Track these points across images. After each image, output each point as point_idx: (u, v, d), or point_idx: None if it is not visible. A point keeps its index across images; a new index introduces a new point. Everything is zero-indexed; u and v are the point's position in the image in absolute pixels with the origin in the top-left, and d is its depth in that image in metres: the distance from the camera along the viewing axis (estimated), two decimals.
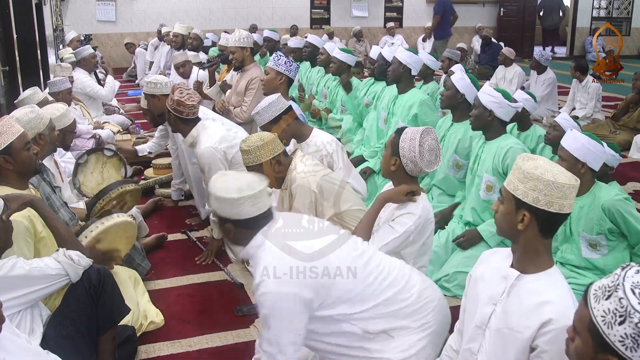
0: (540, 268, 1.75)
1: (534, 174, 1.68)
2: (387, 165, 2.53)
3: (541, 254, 1.75)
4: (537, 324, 1.66)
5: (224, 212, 1.98)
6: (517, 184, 1.72)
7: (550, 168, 1.71)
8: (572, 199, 1.70)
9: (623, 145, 6.37)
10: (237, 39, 5.47)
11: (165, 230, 4.12)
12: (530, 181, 1.69)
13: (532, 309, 1.68)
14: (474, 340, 1.84)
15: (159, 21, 11.51)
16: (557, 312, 1.64)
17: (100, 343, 2.33)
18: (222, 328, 2.97)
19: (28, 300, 2.13)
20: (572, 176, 1.72)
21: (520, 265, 1.77)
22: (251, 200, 1.96)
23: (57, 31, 9.67)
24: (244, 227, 2.00)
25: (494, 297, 1.80)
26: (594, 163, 2.86)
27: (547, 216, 1.69)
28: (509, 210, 1.76)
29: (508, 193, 1.75)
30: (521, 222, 1.72)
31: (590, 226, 2.93)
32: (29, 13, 5.58)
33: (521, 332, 1.69)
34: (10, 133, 2.39)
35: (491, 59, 11.22)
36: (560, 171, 1.71)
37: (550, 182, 1.66)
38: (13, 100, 4.34)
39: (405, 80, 4.45)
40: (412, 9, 14.48)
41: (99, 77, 7.90)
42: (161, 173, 4.94)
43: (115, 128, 6.13)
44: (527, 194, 1.69)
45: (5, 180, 2.42)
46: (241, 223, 1.98)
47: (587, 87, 7.22)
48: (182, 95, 3.59)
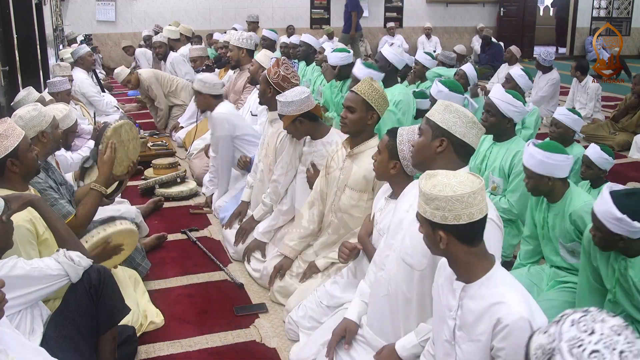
0: (480, 274, 1.76)
1: (432, 194, 1.68)
2: (385, 169, 2.51)
3: (473, 263, 1.76)
4: (489, 327, 1.69)
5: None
6: (424, 206, 1.73)
7: (448, 182, 1.69)
8: (480, 202, 1.68)
9: (622, 145, 6.38)
10: (238, 38, 5.49)
11: (165, 230, 4.12)
12: (432, 202, 1.69)
13: (482, 314, 1.72)
14: (449, 355, 1.87)
15: (159, 21, 11.52)
16: (504, 310, 1.67)
17: (100, 343, 2.33)
18: (222, 328, 2.97)
19: (28, 300, 2.13)
20: (471, 180, 1.70)
21: (462, 277, 1.79)
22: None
23: (57, 31, 9.67)
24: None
25: (452, 310, 1.83)
26: (559, 173, 2.74)
27: (461, 229, 1.69)
28: (427, 232, 1.77)
29: (421, 216, 1.76)
30: (440, 241, 1.73)
31: (563, 234, 2.82)
32: (29, 13, 5.58)
33: (480, 339, 1.73)
34: (15, 136, 2.39)
35: (491, 59, 11.23)
36: (458, 181, 1.69)
37: (450, 198, 1.66)
38: (12, 101, 4.34)
39: (390, 76, 4.54)
40: (412, 9, 14.48)
41: (98, 77, 7.93)
42: (161, 173, 4.95)
43: None
44: (434, 215, 1.70)
45: (8, 182, 2.41)
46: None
47: (587, 87, 7.22)
48: (287, 72, 3.60)
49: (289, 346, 2.76)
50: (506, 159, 3.31)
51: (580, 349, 1.15)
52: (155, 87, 6.60)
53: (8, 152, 2.36)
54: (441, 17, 14.65)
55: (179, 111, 6.77)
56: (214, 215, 4.42)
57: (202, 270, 3.59)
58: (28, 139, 2.48)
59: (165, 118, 6.77)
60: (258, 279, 3.38)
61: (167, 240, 3.99)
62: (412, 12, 14.49)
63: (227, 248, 3.85)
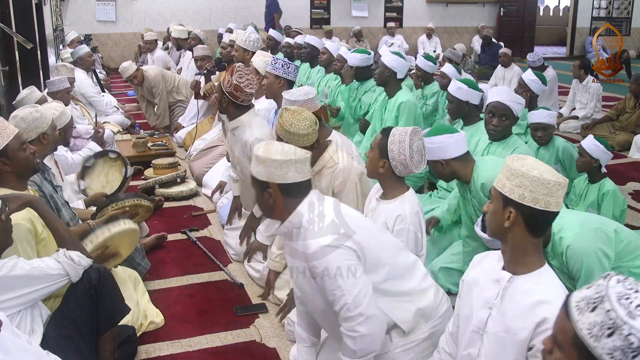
0: (531, 268, 1.75)
1: (520, 171, 1.70)
2: (375, 167, 2.51)
3: (530, 253, 1.75)
4: (532, 324, 1.67)
5: (268, 175, 1.99)
6: (504, 181, 1.74)
7: (537, 166, 1.72)
8: (559, 197, 1.70)
9: (623, 145, 6.38)
10: (244, 40, 5.45)
11: (165, 230, 4.12)
12: (516, 178, 1.70)
13: (526, 309, 1.69)
14: (472, 346, 1.85)
15: (159, 21, 11.55)
16: (551, 310, 1.63)
17: (100, 343, 2.33)
18: (222, 328, 2.97)
19: (28, 300, 2.13)
20: (558, 175, 1.72)
21: (511, 267, 1.78)
22: (296, 166, 1.99)
23: (57, 31, 9.66)
24: (287, 194, 2.00)
25: (488, 301, 1.81)
26: (446, 154, 2.73)
27: (533, 213, 1.70)
28: (496, 208, 1.77)
29: (496, 191, 1.77)
30: (507, 219, 1.73)
31: (480, 207, 2.86)
32: (29, 13, 5.57)
33: (518, 333, 1.70)
34: (5, 135, 2.38)
35: (491, 59, 11.23)
36: (548, 169, 1.72)
37: (536, 179, 1.68)
38: (13, 101, 4.34)
39: (393, 83, 4.45)
40: (412, 9, 14.49)
41: (98, 77, 7.92)
42: (161, 173, 4.95)
43: (115, 128, 6.14)
44: (513, 191, 1.71)
45: (4, 181, 2.41)
46: (284, 188, 1.99)
47: (588, 87, 7.22)
48: (241, 80, 3.37)
49: (289, 346, 2.75)
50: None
51: (627, 301, 1.20)
52: (161, 85, 6.61)
53: None
54: (441, 17, 14.66)
55: (180, 109, 6.78)
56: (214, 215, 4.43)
57: (202, 271, 3.59)
58: (21, 138, 2.46)
59: (162, 117, 6.78)
60: (258, 279, 3.38)
61: (167, 240, 3.99)
62: (412, 12, 14.50)
63: (227, 248, 3.85)
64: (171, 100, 6.79)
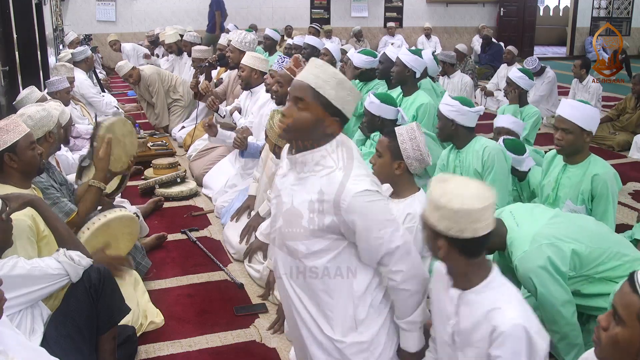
0: (477, 281, 1.74)
1: (440, 203, 1.63)
2: (389, 170, 2.50)
3: (471, 272, 1.74)
4: (487, 334, 1.68)
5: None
6: (430, 212, 1.68)
7: (459, 192, 1.62)
8: (488, 218, 1.63)
9: (622, 145, 6.38)
10: (240, 41, 5.44)
11: (165, 230, 4.12)
12: (438, 210, 1.64)
13: (479, 321, 1.71)
14: (450, 357, 1.86)
15: (159, 21, 11.53)
16: (499, 317, 1.66)
17: (100, 343, 2.33)
18: (222, 328, 2.97)
19: (29, 300, 2.13)
20: (483, 196, 1.63)
21: (459, 285, 1.78)
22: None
23: (57, 31, 9.66)
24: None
25: (449, 317, 1.81)
26: (593, 127, 2.87)
27: (463, 242, 1.65)
28: (428, 238, 1.74)
29: (424, 220, 1.72)
30: (439, 250, 1.70)
31: (575, 194, 2.91)
32: (29, 13, 5.57)
33: (479, 346, 1.71)
34: (17, 132, 2.42)
35: (491, 59, 11.22)
36: (470, 194, 1.62)
37: (457, 211, 1.61)
38: (13, 101, 4.34)
39: (410, 82, 4.40)
40: (412, 9, 14.48)
41: (98, 77, 7.93)
42: (161, 173, 4.94)
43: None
44: (439, 223, 1.65)
45: (8, 178, 2.43)
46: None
47: (588, 86, 7.23)
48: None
49: (289, 346, 2.75)
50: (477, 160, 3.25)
51: None
52: (158, 84, 6.61)
53: (6, 146, 2.38)
54: (441, 17, 14.65)
55: (177, 108, 6.78)
56: (214, 215, 4.43)
57: (202, 270, 3.59)
58: (31, 138, 2.51)
59: (161, 117, 6.78)
60: (258, 279, 3.38)
61: (167, 240, 3.99)
62: (412, 12, 14.50)
63: (227, 248, 3.85)
64: (168, 99, 6.79)
